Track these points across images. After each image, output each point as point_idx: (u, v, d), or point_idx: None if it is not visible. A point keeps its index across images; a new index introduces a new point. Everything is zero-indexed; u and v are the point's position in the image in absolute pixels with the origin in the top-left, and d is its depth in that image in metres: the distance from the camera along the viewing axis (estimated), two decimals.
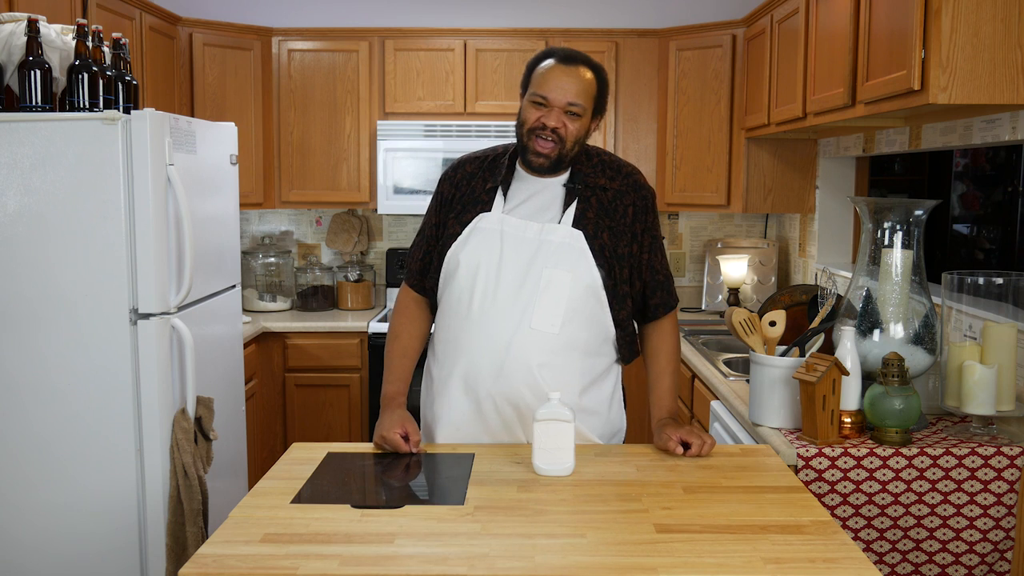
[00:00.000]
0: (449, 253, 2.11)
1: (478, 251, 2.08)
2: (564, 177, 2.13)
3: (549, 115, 2.03)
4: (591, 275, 2.06)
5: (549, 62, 2.06)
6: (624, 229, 2.12)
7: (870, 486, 2.10)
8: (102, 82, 2.57)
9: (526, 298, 2.04)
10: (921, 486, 2.10)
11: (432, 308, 2.25)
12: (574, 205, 2.09)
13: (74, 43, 2.56)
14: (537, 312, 2.04)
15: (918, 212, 2.26)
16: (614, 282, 2.10)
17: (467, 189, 2.16)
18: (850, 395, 2.20)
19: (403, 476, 1.93)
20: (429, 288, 2.21)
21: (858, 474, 2.09)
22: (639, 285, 2.15)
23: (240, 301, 3.37)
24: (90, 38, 2.57)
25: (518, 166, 2.15)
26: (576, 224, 2.08)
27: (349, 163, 4.39)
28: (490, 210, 2.11)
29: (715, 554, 1.50)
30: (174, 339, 2.65)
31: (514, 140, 2.16)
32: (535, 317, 2.04)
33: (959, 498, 2.11)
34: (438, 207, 2.21)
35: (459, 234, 2.11)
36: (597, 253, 2.07)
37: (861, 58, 2.58)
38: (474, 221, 2.10)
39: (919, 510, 2.10)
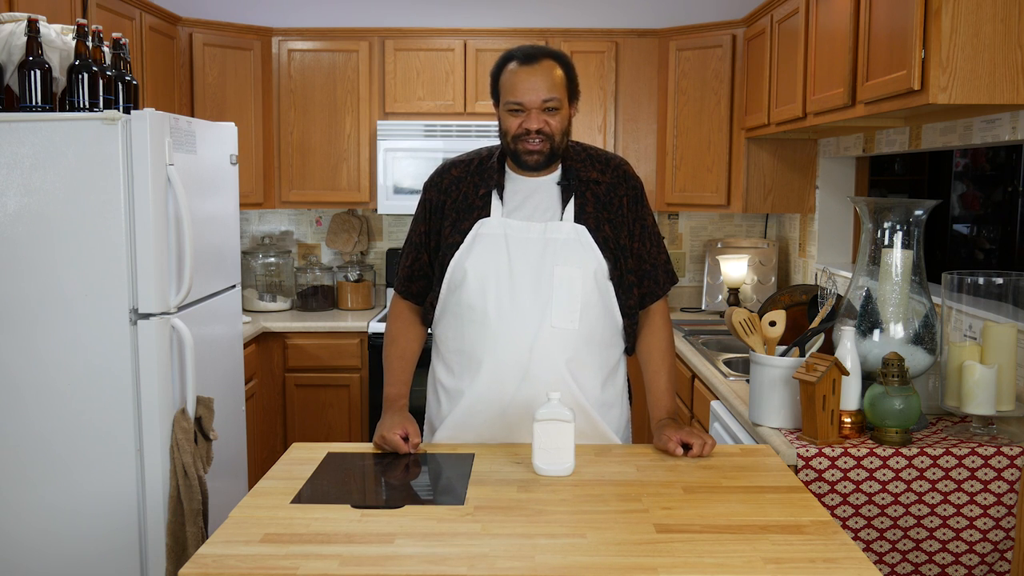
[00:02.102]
0: (453, 263, 2.09)
1: (484, 257, 2.07)
2: (556, 175, 2.12)
3: (529, 119, 2.02)
4: (600, 268, 2.08)
5: (512, 66, 2.04)
6: (622, 220, 2.13)
7: (870, 486, 2.09)
8: (102, 82, 2.57)
9: (543, 298, 2.05)
10: (921, 486, 2.10)
11: (422, 313, 2.23)
12: (572, 201, 2.10)
13: (74, 43, 2.56)
14: (555, 310, 2.05)
15: (918, 212, 2.26)
16: (620, 272, 2.11)
17: (458, 195, 2.13)
18: (850, 395, 2.19)
19: (403, 476, 1.93)
20: (416, 294, 2.21)
21: (858, 474, 2.09)
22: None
23: (240, 301, 3.37)
24: (90, 38, 2.57)
25: (508, 169, 2.14)
26: (578, 219, 2.08)
27: (349, 163, 4.39)
28: (489, 215, 2.10)
29: (715, 554, 1.50)
30: (174, 339, 2.65)
31: (498, 142, 2.15)
32: (554, 315, 2.05)
33: (959, 498, 2.10)
34: (427, 214, 2.18)
35: (460, 243, 2.09)
36: (602, 246, 2.08)
37: (861, 58, 2.58)
38: (475, 228, 2.09)
39: (919, 510, 2.10)
